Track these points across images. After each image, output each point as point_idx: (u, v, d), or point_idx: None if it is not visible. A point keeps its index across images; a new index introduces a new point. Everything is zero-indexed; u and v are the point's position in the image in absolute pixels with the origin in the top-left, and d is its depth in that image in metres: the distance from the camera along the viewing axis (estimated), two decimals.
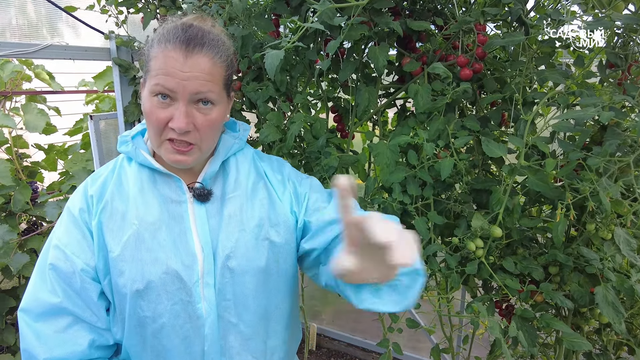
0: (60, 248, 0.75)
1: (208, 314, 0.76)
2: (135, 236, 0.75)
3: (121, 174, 0.81)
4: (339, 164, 1.23)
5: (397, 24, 1.10)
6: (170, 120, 0.73)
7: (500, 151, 0.88)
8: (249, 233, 0.80)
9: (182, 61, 0.71)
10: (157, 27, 0.81)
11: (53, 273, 0.74)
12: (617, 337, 1.04)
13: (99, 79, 2.17)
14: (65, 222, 0.78)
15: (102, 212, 0.77)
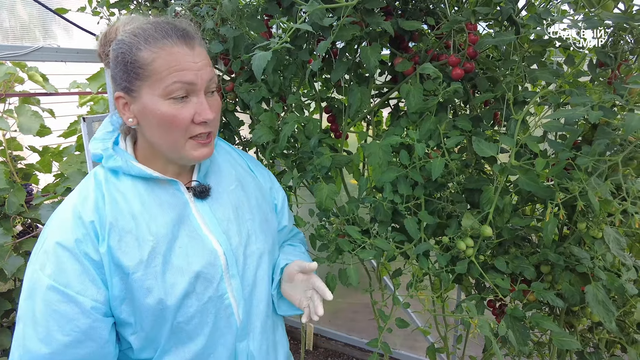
0: (58, 289, 0.67)
1: (237, 302, 0.80)
2: (155, 252, 0.73)
3: (112, 191, 0.75)
4: (332, 164, 1.23)
5: (388, 24, 1.10)
6: (195, 115, 0.72)
7: (491, 150, 0.88)
8: (256, 219, 0.87)
9: (191, 53, 0.71)
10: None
11: (52, 318, 0.67)
12: (609, 335, 1.04)
13: (93, 80, 2.17)
14: (56, 258, 0.69)
15: (110, 235, 0.71)
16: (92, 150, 0.78)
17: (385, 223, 1.11)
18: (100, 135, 0.80)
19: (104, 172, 0.77)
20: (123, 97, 0.74)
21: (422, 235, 1.03)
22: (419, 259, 1.01)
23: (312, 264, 0.84)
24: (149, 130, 0.75)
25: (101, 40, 0.78)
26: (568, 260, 0.94)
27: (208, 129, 0.75)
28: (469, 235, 0.93)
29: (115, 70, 0.73)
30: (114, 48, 0.72)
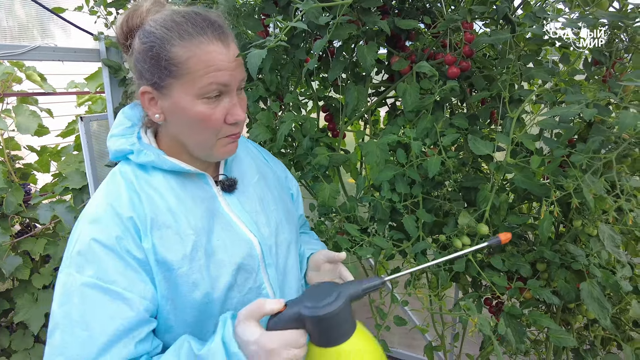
0: (102, 287, 0.64)
1: (274, 291, 0.80)
2: (197, 246, 0.71)
3: (145, 187, 0.72)
4: (330, 162, 1.24)
5: (384, 23, 1.11)
6: (227, 116, 0.71)
7: (486, 148, 0.88)
8: (280, 209, 0.88)
9: (226, 52, 0.69)
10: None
11: (95, 320, 0.63)
12: (605, 332, 1.04)
13: (91, 80, 2.17)
14: (94, 256, 0.65)
15: (152, 232, 0.68)
16: (115, 147, 0.73)
17: (384, 221, 1.12)
18: (119, 131, 0.75)
19: (132, 168, 0.73)
20: (150, 93, 0.70)
21: (421, 234, 1.03)
22: (417, 257, 1.01)
23: (341, 255, 0.85)
24: (178, 128, 0.73)
25: (122, 26, 0.72)
26: (564, 257, 0.94)
27: (238, 129, 0.74)
28: (465, 233, 0.93)
29: (142, 64, 0.69)
30: (142, 40, 0.68)
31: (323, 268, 0.88)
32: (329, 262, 0.88)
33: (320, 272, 0.89)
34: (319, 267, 0.89)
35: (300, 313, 0.56)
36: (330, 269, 0.88)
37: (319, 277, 0.89)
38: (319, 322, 0.55)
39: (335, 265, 0.87)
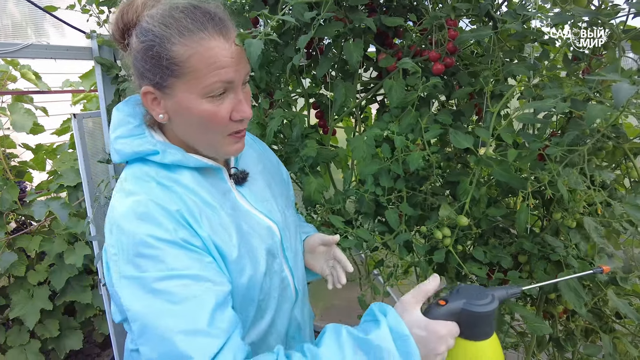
0: (181, 274, 0.62)
1: (292, 273, 0.83)
2: (238, 234, 0.73)
3: (175, 185, 0.70)
4: (319, 157, 1.26)
5: (371, 20, 1.13)
6: (232, 113, 0.69)
7: (466, 142, 0.90)
8: (283, 195, 0.91)
9: (228, 47, 0.66)
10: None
11: (187, 307, 0.60)
12: (584, 322, 1.06)
13: (85, 78, 2.19)
14: (155, 251, 0.62)
15: (202, 222, 0.68)
16: (132, 148, 0.70)
17: (369, 215, 1.14)
18: (127, 132, 0.72)
19: (154, 169, 0.70)
20: (152, 93, 0.68)
21: (403, 227, 1.06)
22: (399, 249, 1.03)
23: (335, 237, 0.89)
24: (184, 127, 0.71)
25: (117, 22, 0.69)
26: (543, 249, 0.96)
27: (244, 125, 0.73)
28: (445, 225, 0.95)
29: (142, 63, 0.66)
30: (141, 39, 0.65)
31: (318, 250, 0.92)
32: (324, 244, 0.91)
33: (315, 254, 0.93)
34: (314, 250, 0.93)
35: (462, 308, 0.61)
36: (324, 251, 0.92)
37: (313, 259, 0.94)
38: (478, 318, 0.61)
39: (329, 248, 0.92)
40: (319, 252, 0.92)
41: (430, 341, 0.61)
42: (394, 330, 0.61)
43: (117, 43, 0.72)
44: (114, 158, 0.73)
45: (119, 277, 0.62)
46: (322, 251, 0.92)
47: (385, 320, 0.63)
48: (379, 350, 0.60)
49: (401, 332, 0.61)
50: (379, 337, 0.61)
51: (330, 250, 0.91)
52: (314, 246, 0.92)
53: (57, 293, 2.14)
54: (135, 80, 0.71)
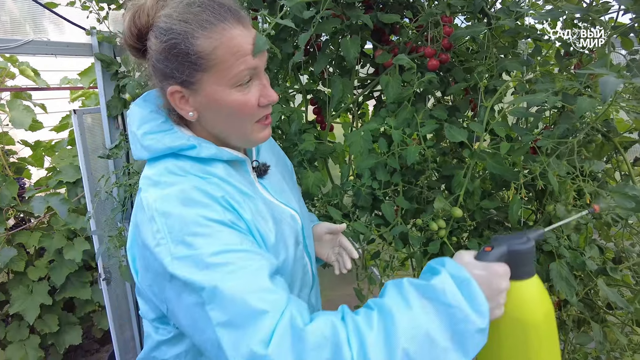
0: (235, 249, 0.62)
1: (310, 259, 0.86)
2: (273, 220, 0.75)
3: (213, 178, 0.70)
4: (317, 152, 1.28)
5: (367, 17, 1.15)
6: (260, 99, 0.70)
7: (460, 136, 0.92)
8: (295, 186, 0.95)
9: (249, 34, 0.67)
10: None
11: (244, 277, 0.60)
12: (576, 312, 1.09)
13: (84, 75, 2.19)
14: (212, 230, 0.62)
15: (244, 210, 0.70)
16: (165, 144, 0.70)
17: (366, 208, 1.16)
18: (155, 127, 0.72)
19: (188, 163, 0.70)
20: (180, 91, 0.68)
21: (399, 219, 1.08)
22: (395, 241, 1.05)
23: (342, 225, 0.95)
24: (214, 121, 0.72)
25: (130, 28, 0.68)
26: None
27: (270, 110, 0.74)
28: (441, 216, 0.98)
29: (166, 63, 0.66)
30: (161, 39, 0.65)
31: (324, 238, 0.97)
32: (330, 232, 0.96)
33: (321, 242, 0.98)
34: (321, 238, 0.97)
35: (508, 250, 0.66)
36: (330, 239, 0.97)
37: (320, 246, 0.97)
38: (523, 256, 0.66)
39: (335, 236, 0.97)
40: (326, 239, 0.97)
41: (492, 279, 0.62)
42: (455, 275, 0.62)
43: (131, 49, 0.71)
44: (139, 154, 0.72)
45: (171, 260, 0.60)
46: (329, 239, 0.98)
47: (444, 269, 0.64)
48: (443, 294, 0.60)
49: (462, 276, 0.62)
50: (441, 282, 0.61)
51: (336, 238, 0.97)
52: (321, 234, 0.97)
53: (57, 289, 2.15)
54: (157, 81, 0.71)
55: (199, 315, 0.59)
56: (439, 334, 0.58)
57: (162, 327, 0.75)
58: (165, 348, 0.76)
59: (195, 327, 0.61)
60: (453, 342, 0.58)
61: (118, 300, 1.84)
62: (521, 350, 0.68)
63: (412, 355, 0.56)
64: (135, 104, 0.76)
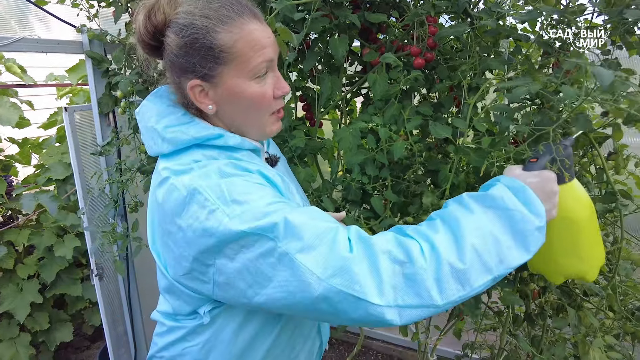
0: (289, 204, 0.67)
1: None
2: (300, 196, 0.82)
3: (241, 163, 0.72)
4: (307, 148, 1.31)
5: (355, 16, 1.18)
6: (275, 90, 0.73)
7: (445, 132, 0.97)
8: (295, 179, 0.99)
9: (264, 28, 0.71)
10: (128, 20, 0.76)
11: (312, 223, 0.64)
12: (554, 299, 1.15)
13: (73, 72, 2.19)
14: (257, 188, 0.66)
15: (276, 181, 0.74)
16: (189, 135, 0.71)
17: (356, 203, 1.20)
18: (176, 120, 0.73)
19: (217, 151, 0.72)
20: (200, 85, 0.70)
21: (388, 213, 1.12)
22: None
23: (341, 214, 0.99)
24: (233, 113, 0.74)
25: (145, 26, 0.69)
26: None
27: (282, 103, 0.77)
28: (430, 211, 1.02)
29: (186, 58, 0.68)
30: (181, 34, 0.67)
31: None
32: None
33: None
34: None
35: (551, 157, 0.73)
36: None
37: None
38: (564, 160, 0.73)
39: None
40: None
41: (545, 183, 0.69)
42: (510, 185, 0.68)
43: (145, 46, 0.72)
44: (160, 148, 0.73)
45: (229, 220, 0.61)
46: None
47: (499, 182, 0.69)
48: (502, 201, 0.66)
49: (517, 185, 0.68)
50: (498, 191, 0.67)
51: None
52: None
53: (47, 286, 2.15)
54: (174, 77, 0.72)
55: (263, 262, 0.61)
56: (502, 233, 0.64)
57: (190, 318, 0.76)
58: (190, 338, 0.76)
59: (257, 281, 0.62)
60: (515, 240, 0.64)
61: (110, 296, 1.85)
62: (572, 243, 0.77)
63: (480, 251, 0.62)
64: (148, 100, 0.77)
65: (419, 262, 0.61)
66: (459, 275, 0.61)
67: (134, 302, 1.91)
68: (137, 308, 1.92)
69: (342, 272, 0.59)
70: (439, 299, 0.60)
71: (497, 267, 0.62)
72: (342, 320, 0.61)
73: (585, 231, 0.78)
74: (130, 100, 1.47)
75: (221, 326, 0.75)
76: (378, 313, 0.59)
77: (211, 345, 0.75)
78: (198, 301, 0.72)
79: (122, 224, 1.68)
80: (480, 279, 0.62)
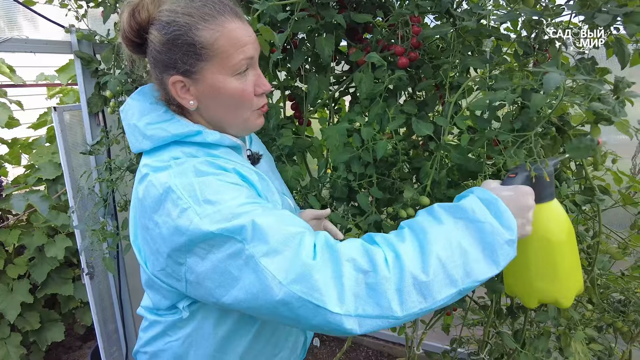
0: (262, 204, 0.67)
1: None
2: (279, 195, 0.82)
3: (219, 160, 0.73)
4: (295, 146, 1.33)
5: (341, 16, 1.20)
6: (255, 88, 0.75)
7: (426, 130, 0.99)
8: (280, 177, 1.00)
9: (246, 27, 0.73)
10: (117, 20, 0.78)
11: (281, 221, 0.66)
12: None
13: (62, 72, 2.19)
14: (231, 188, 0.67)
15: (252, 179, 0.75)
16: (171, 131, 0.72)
17: (342, 199, 1.22)
18: (157, 118, 0.74)
19: (196, 148, 0.74)
20: (182, 81, 0.72)
21: (373, 209, 1.15)
22: (369, 229, 1.12)
23: (326, 211, 1.01)
24: (214, 109, 0.75)
25: (129, 24, 0.71)
26: None
27: (265, 99, 0.79)
28: (410, 205, 1.05)
29: (168, 54, 0.70)
30: (164, 31, 0.69)
31: (310, 224, 0.99)
32: (315, 218, 1.01)
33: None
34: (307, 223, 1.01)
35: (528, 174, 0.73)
36: (315, 224, 1.02)
37: None
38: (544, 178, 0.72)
39: (320, 221, 1.02)
40: (311, 225, 1.01)
41: (518, 198, 0.68)
42: (482, 198, 0.67)
43: (129, 44, 0.74)
44: (141, 145, 0.74)
45: (199, 219, 0.62)
46: (314, 224, 1.02)
47: (472, 194, 0.69)
48: (472, 212, 0.64)
49: (490, 197, 0.67)
50: (469, 203, 0.66)
51: (321, 223, 1.02)
52: (306, 220, 1.01)
53: (38, 286, 2.16)
54: (157, 73, 0.74)
55: (232, 264, 0.61)
56: (470, 245, 0.62)
57: (170, 313, 0.77)
58: (171, 332, 0.78)
59: (225, 281, 0.62)
60: (484, 253, 0.62)
61: (101, 294, 1.86)
62: (548, 265, 0.76)
63: (445, 262, 0.61)
64: (132, 98, 0.79)
65: (382, 272, 0.60)
66: (421, 287, 0.59)
67: (124, 300, 1.92)
68: (127, 306, 1.93)
69: (303, 279, 0.59)
70: (399, 311, 0.59)
71: (463, 280, 0.61)
72: (303, 325, 0.61)
73: (563, 254, 0.76)
74: (119, 99, 1.48)
75: (201, 321, 0.76)
76: (337, 321, 0.58)
77: (192, 339, 0.77)
78: (176, 296, 0.74)
79: (112, 222, 1.69)
80: (443, 292, 0.60)
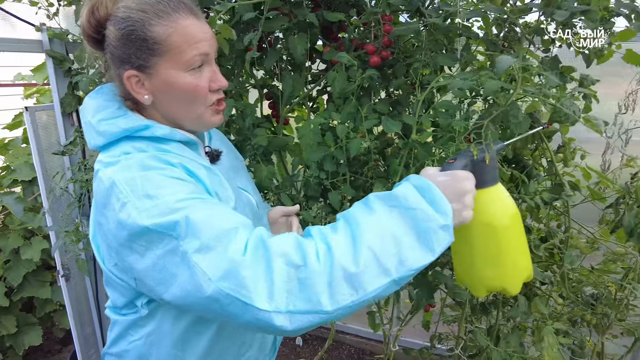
0: (203, 198, 0.67)
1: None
2: (233, 189, 0.81)
3: (169, 155, 0.73)
4: (271, 145, 1.33)
5: (313, 15, 1.20)
6: (210, 83, 0.76)
7: (395, 127, 1.00)
8: (245, 175, 1.00)
9: (201, 24, 0.74)
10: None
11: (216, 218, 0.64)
12: None
13: (38, 71, 2.16)
14: (174, 183, 0.66)
15: (202, 175, 0.74)
16: (122, 126, 0.73)
17: (315, 198, 1.22)
18: (111, 114, 0.75)
19: (146, 142, 0.74)
20: (136, 75, 0.73)
21: (345, 207, 1.15)
22: None
23: (295, 207, 1.04)
24: (168, 104, 0.76)
25: (89, 20, 0.73)
26: None
27: (221, 95, 0.80)
28: None
29: (123, 49, 0.71)
30: (119, 27, 0.71)
31: (279, 221, 1.03)
32: (285, 215, 1.03)
33: (276, 225, 1.03)
34: (276, 220, 1.03)
35: (470, 159, 0.71)
36: (284, 221, 1.03)
37: (274, 229, 1.03)
38: (484, 163, 0.71)
39: (288, 217, 1.03)
40: (280, 222, 1.03)
41: (454, 183, 0.67)
42: (416, 185, 0.66)
43: (89, 39, 0.76)
44: (96, 141, 0.75)
45: (137, 213, 0.62)
46: (282, 221, 1.03)
47: (407, 181, 0.68)
48: (405, 200, 0.63)
49: (423, 183, 0.65)
50: (403, 190, 0.65)
51: (288, 219, 1.03)
52: (276, 217, 1.03)
53: (14, 289, 2.12)
54: (115, 68, 0.75)
55: (170, 261, 0.61)
56: (404, 233, 0.61)
57: (131, 312, 0.77)
58: (132, 332, 0.78)
59: (164, 278, 0.62)
60: (419, 241, 0.61)
61: (78, 297, 1.83)
62: (493, 251, 0.74)
63: (378, 253, 0.59)
64: (88, 97, 0.80)
65: (312, 265, 0.58)
66: (352, 279, 0.58)
67: (102, 302, 1.90)
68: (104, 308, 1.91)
69: (230, 276, 0.58)
70: (329, 305, 0.57)
71: (397, 269, 0.60)
72: (236, 323, 0.60)
73: (508, 239, 0.74)
74: None
75: (161, 319, 0.76)
76: (266, 319, 0.57)
77: (153, 338, 0.76)
78: (132, 293, 0.73)
79: (87, 223, 1.67)
80: (375, 283, 0.59)
